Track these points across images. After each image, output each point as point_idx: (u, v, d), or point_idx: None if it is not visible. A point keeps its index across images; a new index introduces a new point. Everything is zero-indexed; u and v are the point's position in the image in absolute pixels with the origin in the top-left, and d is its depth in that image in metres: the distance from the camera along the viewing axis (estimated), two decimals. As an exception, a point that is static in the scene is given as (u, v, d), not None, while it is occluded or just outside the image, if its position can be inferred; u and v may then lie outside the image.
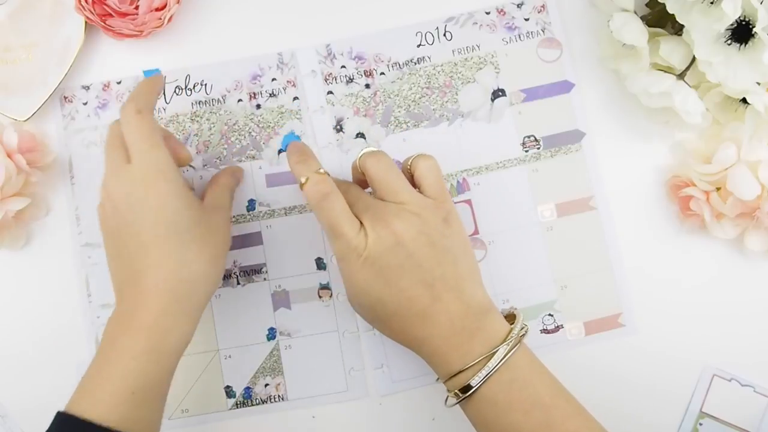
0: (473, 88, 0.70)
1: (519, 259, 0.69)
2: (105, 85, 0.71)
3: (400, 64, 0.70)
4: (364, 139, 0.70)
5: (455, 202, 0.69)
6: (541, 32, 0.70)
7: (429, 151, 0.68)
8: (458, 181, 0.69)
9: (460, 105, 0.70)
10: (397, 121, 0.70)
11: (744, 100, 0.64)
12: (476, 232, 0.69)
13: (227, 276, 0.69)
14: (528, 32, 0.70)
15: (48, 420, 0.54)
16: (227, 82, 0.71)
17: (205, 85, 0.71)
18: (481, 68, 0.70)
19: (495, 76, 0.70)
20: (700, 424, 0.68)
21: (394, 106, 0.70)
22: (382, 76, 0.70)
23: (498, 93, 0.69)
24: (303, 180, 0.58)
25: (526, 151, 0.69)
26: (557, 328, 0.68)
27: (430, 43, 0.70)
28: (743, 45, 0.60)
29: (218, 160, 0.70)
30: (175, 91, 0.70)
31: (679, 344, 0.68)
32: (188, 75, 0.71)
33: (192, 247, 0.58)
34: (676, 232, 0.69)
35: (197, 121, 0.70)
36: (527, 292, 0.68)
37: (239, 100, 0.70)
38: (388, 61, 0.70)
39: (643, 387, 0.68)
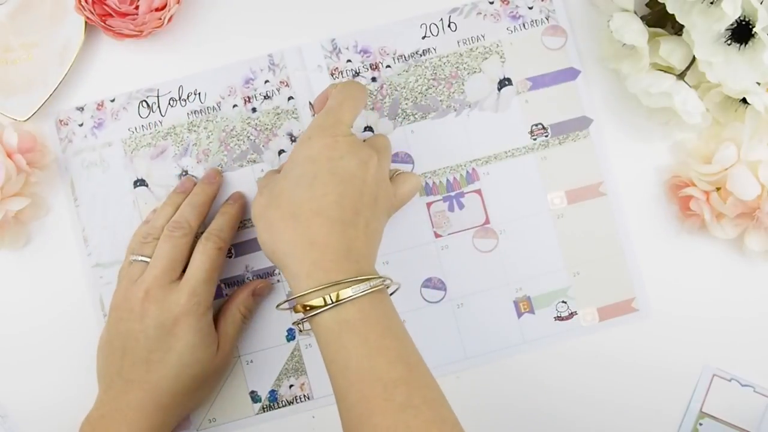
0: (479, 78, 0.70)
1: (530, 247, 0.69)
2: (99, 105, 0.70)
3: (406, 56, 0.70)
4: (372, 132, 0.69)
5: (465, 193, 0.69)
6: (545, 20, 0.70)
7: (437, 142, 0.70)
8: (468, 172, 0.69)
9: (466, 95, 0.70)
10: (404, 114, 0.70)
11: (744, 100, 0.63)
12: (487, 221, 0.69)
13: (240, 282, 0.69)
14: (532, 20, 0.70)
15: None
16: (221, 89, 0.70)
17: (199, 93, 0.70)
18: (486, 58, 0.70)
19: (501, 65, 0.70)
20: (700, 424, 0.68)
21: (401, 98, 0.70)
22: (388, 69, 0.70)
23: (504, 82, 0.70)
24: None
25: (535, 140, 0.69)
26: (571, 315, 0.69)
27: (435, 34, 0.70)
28: (743, 45, 0.60)
29: (220, 167, 0.69)
30: (169, 103, 0.70)
31: (679, 344, 0.69)
32: (181, 86, 0.70)
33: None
34: (676, 232, 0.69)
35: (195, 131, 0.70)
36: (540, 279, 0.69)
37: (234, 106, 0.70)
38: (394, 54, 0.70)
39: (643, 387, 0.69)
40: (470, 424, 0.66)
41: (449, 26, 0.70)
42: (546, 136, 0.69)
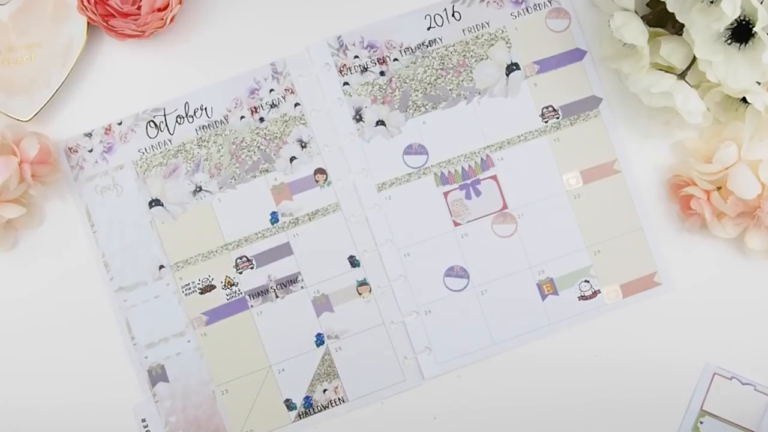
0: (487, 65, 0.69)
1: (550, 229, 0.69)
2: (106, 129, 0.69)
3: (413, 48, 0.69)
4: (385, 126, 0.69)
5: (481, 180, 0.69)
6: (548, 3, 0.69)
7: (450, 131, 0.70)
8: (482, 158, 0.69)
9: (475, 83, 0.69)
10: (415, 105, 0.69)
11: (744, 100, 0.64)
12: (505, 206, 0.69)
13: (265, 292, 0.68)
14: (535, 4, 0.69)
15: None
16: (226, 102, 0.69)
17: (205, 109, 0.69)
18: (492, 44, 0.69)
19: (507, 50, 0.69)
20: (701, 423, 0.69)
21: (411, 90, 0.69)
22: (396, 62, 0.69)
23: (512, 67, 0.69)
24: None
25: (546, 122, 0.69)
26: (595, 294, 0.69)
27: (440, 24, 0.69)
28: (743, 44, 0.60)
29: (233, 180, 0.69)
30: (177, 121, 0.69)
31: (679, 343, 0.69)
32: (187, 102, 0.69)
33: None
34: (676, 231, 0.70)
35: (205, 146, 0.69)
36: (561, 260, 0.69)
37: (242, 117, 0.69)
38: (400, 47, 0.69)
39: (644, 385, 0.69)
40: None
41: (453, 15, 0.69)
42: (557, 117, 0.69)
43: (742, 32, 0.59)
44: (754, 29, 0.58)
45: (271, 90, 0.69)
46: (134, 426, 0.67)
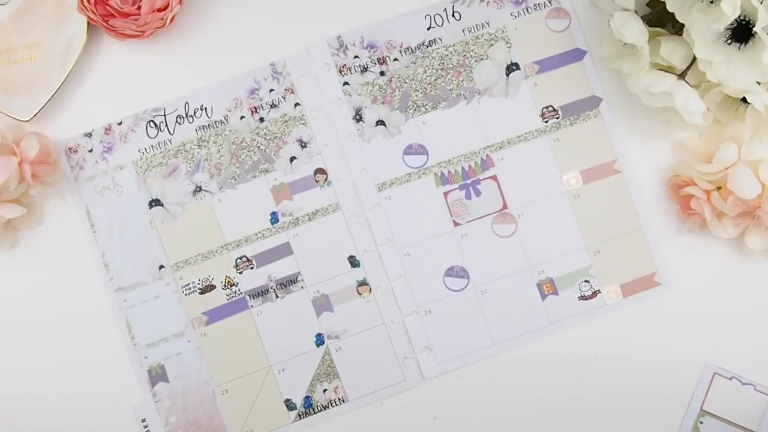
0: (487, 65, 0.69)
1: (550, 229, 0.70)
2: (106, 129, 0.69)
3: (413, 48, 0.69)
4: (385, 126, 0.69)
5: (481, 180, 0.69)
6: (548, 3, 0.69)
7: (450, 131, 0.70)
8: (482, 158, 0.69)
9: (475, 83, 0.69)
10: (415, 105, 0.69)
11: (744, 100, 0.64)
12: (505, 206, 0.69)
13: (265, 292, 0.68)
14: (535, 4, 0.69)
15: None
16: (226, 102, 0.69)
17: (205, 109, 0.69)
18: (492, 44, 0.69)
19: (507, 50, 0.69)
20: (701, 423, 0.69)
21: (411, 90, 0.69)
22: (396, 62, 0.69)
23: (512, 67, 0.69)
24: None
25: (546, 122, 0.69)
26: (595, 294, 0.69)
27: (440, 24, 0.69)
28: (743, 44, 0.60)
29: (233, 180, 0.69)
30: (177, 121, 0.69)
31: (679, 343, 0.69)
32: (186, 102, 0.69)
33: None
34: (676, 231, 0.70)
35: (205, 146, 0.69)
36: (561, 260, 0.69)
37: (242, 117, 0.69)
38: (400, 47, 0.69)
39: (644, 385, 0.69)
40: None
41: (453, 15, 0.69)
42: (557, 117, 0.69)
43: (742, 32, 0.59)
44: (754, 29, 0.58)
45: (271, 90, 0.69)
46: (134, 426, 0.67)
